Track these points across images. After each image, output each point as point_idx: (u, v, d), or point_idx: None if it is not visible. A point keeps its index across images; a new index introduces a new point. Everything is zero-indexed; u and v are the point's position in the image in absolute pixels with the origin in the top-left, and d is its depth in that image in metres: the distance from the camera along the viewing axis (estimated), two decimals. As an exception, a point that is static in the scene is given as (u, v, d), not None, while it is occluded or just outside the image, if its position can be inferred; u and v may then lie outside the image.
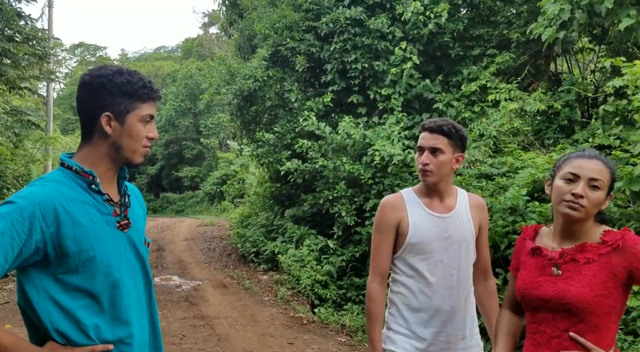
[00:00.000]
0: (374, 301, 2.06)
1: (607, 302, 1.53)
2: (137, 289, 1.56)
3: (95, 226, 1.45)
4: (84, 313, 1.42)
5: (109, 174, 1.54)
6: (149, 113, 1.52)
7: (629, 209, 4.24)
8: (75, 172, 1.48)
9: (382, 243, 2.07)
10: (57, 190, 1.42)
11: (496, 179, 5.67)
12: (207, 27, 32.63)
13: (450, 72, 8.27)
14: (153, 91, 1.53)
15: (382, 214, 2.09)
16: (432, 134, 2.04)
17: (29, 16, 10.43)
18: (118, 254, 1.50)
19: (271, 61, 8.96)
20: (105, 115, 1.47)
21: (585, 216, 1.60)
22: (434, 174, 2.02)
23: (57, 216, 1.39)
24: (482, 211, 2.14)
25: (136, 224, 1.60)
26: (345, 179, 7.43)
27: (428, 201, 2.08)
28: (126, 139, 1.50)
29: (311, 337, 5.48)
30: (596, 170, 1.59)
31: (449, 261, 2.01)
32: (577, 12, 5.44)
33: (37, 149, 13.97)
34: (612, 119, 5.72)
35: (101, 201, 1.49)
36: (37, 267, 1.40)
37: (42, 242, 1.37)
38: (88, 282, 1.43)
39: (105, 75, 1.48)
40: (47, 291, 1.40)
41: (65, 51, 42.75)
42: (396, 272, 2.09)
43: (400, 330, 2.03)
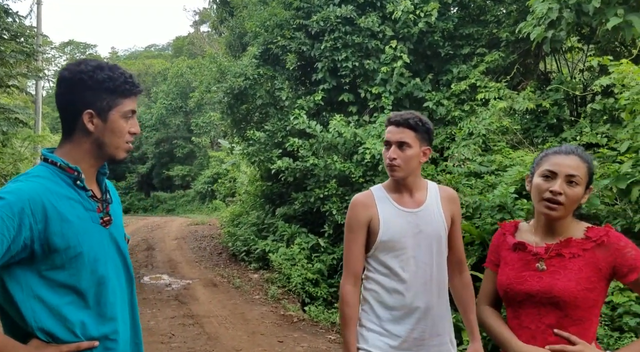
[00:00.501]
0: (347, 303, 2.02)
1: (592, 296, 1.56)
2: (120, 285, 1.55)
3: (81, 222, 1.44)
4: (69, 310, 1.41)
5: (91, 170, 1.52)
6: (131, 109, 1.50)
7: (616, 207, 4.28)
8: (60, 168, 1.46)
9: (354, 243, 2.03)
10: (44, 186, 1.40)
11: (485, 177, 5.70)
12: (198, 25, 32.49)
13: (440, 71, 8.30)
14: (135, 86, 1.50)
15: (352, 213, 2.06)
16: (398, 127, 2.00)
17: (16, 13, 10.32)
18: (103, 250, 1.49)
19: (262, 59, 8.94)
20: (87, 112, 1.45)
21: (564, 213, 1.62)
22: (402, 168, 1.99)
23: (45, 212, 1.37)
24: (453, 203, 2.10)
25: (116, 221, 1.59)
26: (336, 177, 7.43)
27: (398, 196, 2.05)
28: (109, 136, 1.48)
29: (301, 336, 5.48)
30: (573, 166, 1.60)
31: (421, 256, 1.98)
32: (565, 11, 5.48)
33: (25, 148, 13.83)
34: (600, 118, 5.78)
35: (86, 197, 1.48)
36: (21, 264, 1.37)
37: (30, 239, 1.34)
38: (74, 278, 1.41)
39: (85, 71, 1.44)
40: (31, 289, 1.38)
41: (55, 49, 42.37)
42: (369, 270, 2.06)
43: (373, 328, 2.00)
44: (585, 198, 1.64)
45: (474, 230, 4.70)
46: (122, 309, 1.54)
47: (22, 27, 10.88)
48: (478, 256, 4.70)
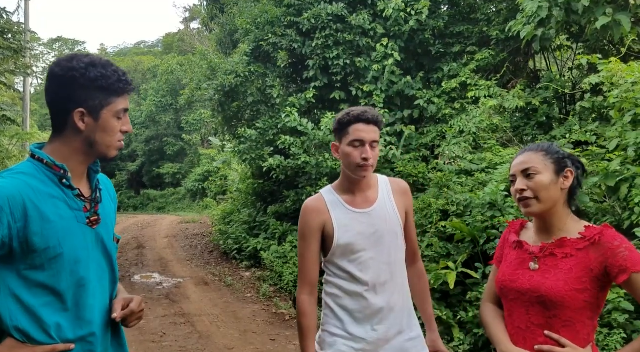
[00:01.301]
0: (305, 314, 1.95)
1: (582, 297, 1.54)
2: (102, 287, 1.52)
3: (64, 222, 1.40)
4: (46, 311, 1.37)
5: (81, 168, 1.49)
6: (123, 107, 1.47)
7: (605, 204, 4.32)
8: (46, 165, 1.42)
9: (308, 251, 1.96)
10: (26, 183, 1.36)
11: (476, 174, 5.73)
12: (188, 21, 32.25)
13: (431, 69, 8.32)
14: (127, 84, 1.47)
15: (304, 220, 1.98)
16: (369, 125, 1.91)
17: (4, 9, 10.20)
18: (86, 251, 1.45)
19: (253, 57, 8.91)
20: (79, 111, 1.41)
21: (543, 206, 1.62)
22: (372, 168, 1.93)
23: (25, 211, 1.33)
24: (405, 195, 2.05)
25: (106, 220, 1.55)
26: (328, 175, 7.43)
27: (350, 198, 1.98)
28: (100, 135, 1.44)
29: (293, 334, 5.48)
30: (524, 161, 1.66)
31: (380, 256, 1.93)
32: (554, 9, 5.51)
33: (13, 146, 13.67)
34: (589, 116, 5.82)
35: (72, 196, 1.44)
36: (0, 262, 1.35)
37: (8, 237, 1.31)
38: (53, 279, 1.38)
39: (77, 68, 1.40)
40: (8, 287, 1.35)
41: (43, 46, 41.90)
42: (328, 274, 2.00)
43: (336, 332, 1.95)
44: (565, 184, 1.64)
45: (465, 228, 4.73)
46: (102, 312, 1.51)
47: (9, 23, 10.75)
48: (469, 254, 4.73)
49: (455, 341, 4.34)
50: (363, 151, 1.89)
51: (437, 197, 5.59)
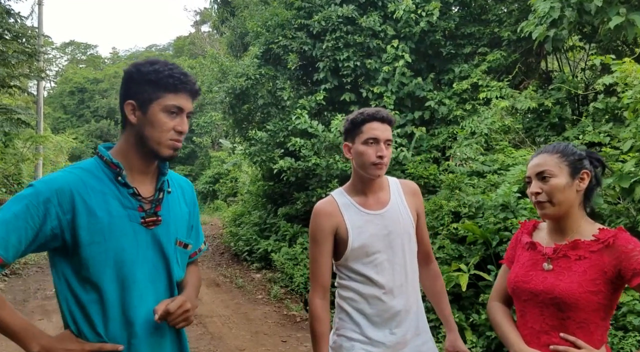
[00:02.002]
0: (318, 319, 1.90)
1: (596, 299, 1.53)
2: (154, 289, 1.49)
3: (112, 219, 1.40)
4: (92, 308, 1.40)
5: (142, 167, 1.50)
6: (174, 104, 1.45)
7: (619, 206, 4.27)
8: (105, 162, 1.46)
9: (320, 254, 1.92)
10: (80, 178, 1.40)
11: (488, 176, 5.69)
12: (199, 25, 32.48)
13: (442, 70, 8.29)
14: (181, 82, 1.45)
15: (316, 223, 1.95)
16: (384, 124, 1.90)
17: (18, 14, 10.35)
18: (135, 250, 1.44)
19: (263, 59, 8.94)
20: (129, 103, 1.45)
21: (558, 209, 1.62)
22: (386, 167, 1.92)
23: (73, 204, 1.37)
24: (416, 196, 2.04)
25: (169, 223, 1.52)
26: (338, 177, 7.43)
27: (362, 199, 1.96)
28: (149, 129, 1.45)
29: (304, 335, 5.48)
30: (539, 164, 1.64)
31: (395, 258, 1.92)
32: (567, 10, 5.47)
33: (27, 148, 13.86)
34: (602, 117, 5.77)
35: (126, 195, 1.45)
36: (59, 254, 1.40)
37: (59, 229, 1.36)
38: (98, 276, 1.39)
39: (136, 65, 1.47)
40: (66, 279, 1.40)
41: (56, 49, 42.44)
42: (342, 278, 1.97)
43: (354, 336, 1.91)
44: (581, 186, 1.63)
45: (477, 229, 4.70)
46: (151, 315, 1.45)
47: (23, 27, 10.91)
48: (481, 256, 4.70)
49: (467, 343, 4.32)
50: (378, 149, 1.88)
51: (449, 198, 5.56)
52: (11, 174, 12.00)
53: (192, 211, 1.65)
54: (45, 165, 16.90)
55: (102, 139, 33.13)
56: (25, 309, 6.17)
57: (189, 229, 1.62)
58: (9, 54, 9.90)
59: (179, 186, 1.62)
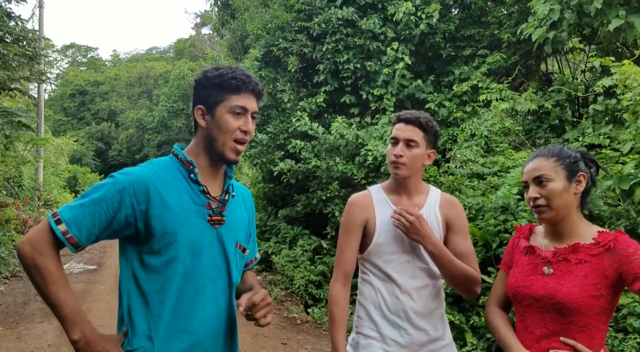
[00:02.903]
0: (337, 303, 1.95)
1: (598, 303, 1.53)
2: (214, 289, 1.53)
3: (184, 213, 1.47)
4: (152, 298, 1.45)
5: (210, 168, 1.57)
6: (238, 104, 1.51)
7: (619, 208, 4.27)
8: (179, 160, 1.54)
9: (348, 243, 1.98)
10: (156, 172, 1.49)
11: (488, 178, 5.70)
12: (199, 27, 32.52)
13: (442, 73, 8.30)
14: (243, 83, 1.52)
15: (348, 213, 2.01)
16: (408, 125, 1.94)
17: (19, 17, 10.36)
18: (201, 245, 1.49)
19: (263, 61, 8.96)
20: (198, 108, 1.54)
21: (556, 213, 1.61)
22: (407, 167, 1.93)
23: (148, 195, 1.44)
24: (451, 207, 2.02)
25: (231, 225, 1.58)
26: (339, 179, 7.44)
27: (396, 198, 1.98)
28: (217, 132, 1.51)
29: (305, 338, 5.48)
30: (536, 168, 1.64)
31: (417, 261, 1.93)
32: (566, 12, 5.48)
33: (28, 151, 13.86)
34: (602, 118, 5.77)
35: (197, 191, 1.52)
36: (129, 241, 1.48)
37: (132, 217, 1.43)
38: (163, 266, 1.45)
39: (204, 72, 1.55)
40: (132, 267, 1.47)
41: (57, 52, 42.53)
42: (364, 273, 2.01)
43: (371, 334, 1.94)
44: (578, 188, 1.62)
45: (477, 231, 4.70)
46: (210, 313, 1.52)
47: (24, 30, 10.92)
48: (481, 258, 4.70)
49: (468, 345, 4.32)
50: (396, 149, 1.93)
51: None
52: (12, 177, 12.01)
53: (251, 218, 1.73)
54: (46, 167, 16.91)
55: (103, 141, 33.16)
56: (25, 312, 6.17)
57: (247, 235, 1.69)
58: (10, 57, 9.92)
59: (240, 193, 1.69)
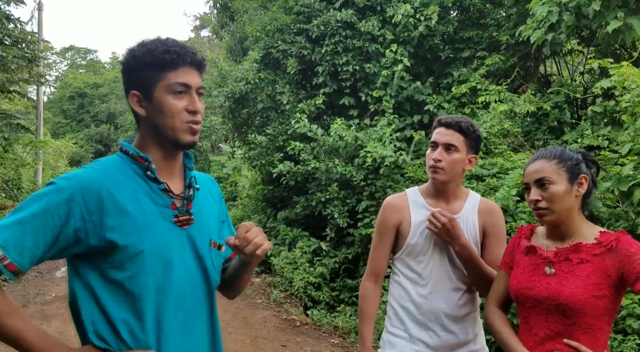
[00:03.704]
0: (366, 299, 2.00)
1: (601, 303, 1.52)
2: (194, 298, 1.34)
3: (146, 217, 1.25)
4: (123, 317, 1.24)
5: (166, 162, 1.34)
6: (178, 81, 1.28)
7: (618, 209, 4.28)
8: (131, 157, 1.31)
9: (381, 244, 2.01)
10: (106, 174, 1.25)
11: (487, 180, 5.70)
12: (199, 30, 32.54)
13: (441, 74, 8.31)
14: (179, 55, 1.28)
15: (383, 215, 2.02)
16: (448, 129, 1.92)
17: (18, 19, 10.38)
18: (171, 252, 1.28)
19: (263, 63, 8.97)
20: (133, 94, 1.29)
21: (558, 216, 1.61)
22: (445, 172, 1.91)
23: (101, 203, 1.21)
24: (490, 214, 1.99)
25: (202, 222, 1.38)
26: (338, 180, 7.44)
27: (433, 202, 1.98)
28: (159, 117, 1.28)
29: (304, 340, 5.47)
30: (538, 170, 1.62)
31: (450, 263, 1.93)
32: (565, 14, 5.49)
33: (27, 153, 13.86)
34: (601, 120, 5.78)
35: (157, 190, 1.30)
36: (83, 259, 1.23)
37: (83, 232, 1.20)
38: (132, 281, 1.23)
39: (130, 50, 1.30)
40: (91, 287, 1.23)
41: (56, 54, 42.57)
42: (395, 273, 2.03)
43: (399, 333, 1.96)
44: (580, 191, 1.62)
45: (476, 233, 4.70)
46: (192, 325, 1.34)
47: (23, 33, 10.94)
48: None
49: None
50: (435, 153, 1.93)
51: (448, 202, 5.56)
52: (11, 179, 12.00)
53: (220, 207, 1.53)
54: (45, 170, 16.91)
55: (102, 143, 33.16)
56: (24, 314, 6.15)
57: (220, 227, 1.49)
58: (9, 59, 9.92)
59: (204, 183, 1.49)
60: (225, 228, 1.53)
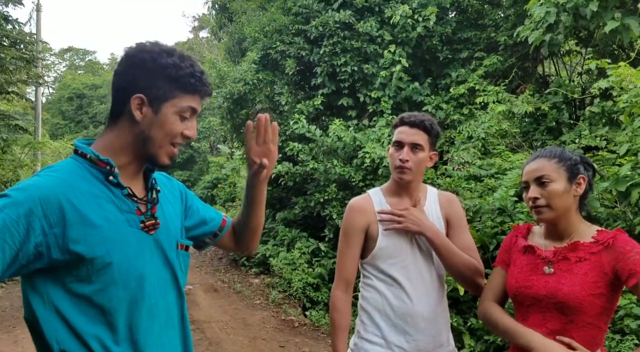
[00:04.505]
0: (338, 310, 1.92)
1: (599, 302, 1.53)
2: (166, 305, 1.30)
3: (112, 227, 1.19)
4: (93, 332, 1.17)
5: (132, 167, 1.29)
6: (190, 106, 1.27)
7: (616, 209, 4.29)
8: (89, 160, 1.22)
9: (349, 249, 1.94)
10: (65, 181, 1.16)
11: (485, 180, 5.71)
12: (197, 31, 32.54)
13: (439, 75, 8.33)
14: (202, 83, 1.28)
15: (348, 218, 1.96)
16: (412, 128, 1.90)
17: (16, 20, 10.36)
18: (142, 261, 1.23)
19: (261, 64, 8.97)
20: (137, 97, 1.23)
21: (555, 214, 1.62)
22: (412, 172, 1.90)
23: (62, 214, 1.13)
24: (449, 204, 2.00)
25: (167, 225, 1.33)
26: (336, 181, 7.44)
27: (397, 201, 1.95)
28: (156, 131, 1.24)
29: (302, 340, 5.47)
30: (538, 169, 1.63)
31: (421, 262, 1.90)
32: (562, 15, 5.50)
33: (25, 154, 13.84)
34: (599, 120, 5.79)
35: (120, 196, 1.23)
36: (43, 274, 1.15)
37: (44, 246, 1.11)
38: (100, 294, 1.17)
39: (150, 51, 1.24)
40: (53, 304, 1.15)
41: (54, 56, 42.51)
42: (367, 277, 1.96)
43: (374, 339, 1.89)
44: (578, 191, 1.63)
45: (475, 233, 4.70)
46: (166, 335, 1.29)
47: (21, 33, 10.93)
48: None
49: (466, 347, 4.32)
50: (401, 153, 1.89)
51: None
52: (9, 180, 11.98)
53: (183, 196, 1.47)
54: (43, 171, 16.87)
55: (101, 144, 33.06)
56: (21, 316, 6.15)
57: (182, 227, 1.43)
58: (7, 60, 9.91)
59: (162, 183, 1.43)
60: (202, 212, 1.51)
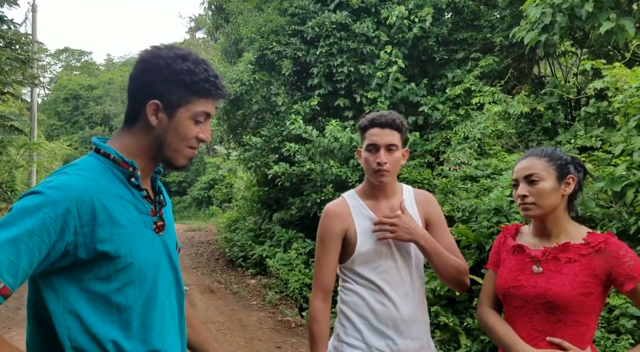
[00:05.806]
0: (317, 321, 1.86)
1: (588, 301, 1.55)
2: (170, 304, 1.32)
3: (134, 227, 1.22)
4: (108, 331, 1.18)
5: (147, 170, 1.32)
6: (204, 110, 1.29)
7: (611, 209, 4.30)
8: (113, 161, 1.24)
9: (326, 256, 1.89)
10: (95, 182, 1.18)
11: (481, 180, 5.72)
12: (194, 31, 32.53)
13: (435, 76, 8.35)
14: (216, 88, 1.30)
15: (325, 224, 1.92)
16: (384, 129, 1.85)
17: (11, 20, 10.35)
18: (155, 261, 1.26)
19: (257, 65, 8.97)
20: (153, 103, 1.24)
21: (542, 211, 1.64)
22: (391, 173, 1.86)
23: (94, 214, 1.15)
24: (427, 203, 1.97)
25: (170, 226, 1.37)
26: (333, 182, 7.44)
27: (373, 203, 1.92)
28: (172, 136, 1.27)
29: (299, 341, 5.47)
30: (527, 167, 1.66)
31: (400, 265, 1.87)
32: (558, 15, 5.52)
33: (21, 155, 13.80)
34: (594, 121, 5.81)
35: (140, 198, 1.26)
36: (60, 272, 1.16)
37: (73, 245, 1.12)
38: (118, 293, 1.19)
39: (165, 56, 1.26)
40: (68, 301, 1.15)
41: (50, 56, 42.40)
42: (346, 281, 1.91)
43: (355, 344, 1.85)
44: (567, 190, 1.64)
45: (471, 234, 4.71)
46: (170, 332, 1.32)
47: (17, 34, 10.91)
48: (475, 260, 4.71)
49: (462, 347, 4.32)
50: (377, 156, 1.84)
51: (442, 203, 5.58)
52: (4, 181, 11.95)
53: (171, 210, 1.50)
54: (39, 172, 16.83)
55: (97, 145, 32.99)
56: (17, 317, 6.12)
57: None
58: (2, 61, 9.88)
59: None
60: None
